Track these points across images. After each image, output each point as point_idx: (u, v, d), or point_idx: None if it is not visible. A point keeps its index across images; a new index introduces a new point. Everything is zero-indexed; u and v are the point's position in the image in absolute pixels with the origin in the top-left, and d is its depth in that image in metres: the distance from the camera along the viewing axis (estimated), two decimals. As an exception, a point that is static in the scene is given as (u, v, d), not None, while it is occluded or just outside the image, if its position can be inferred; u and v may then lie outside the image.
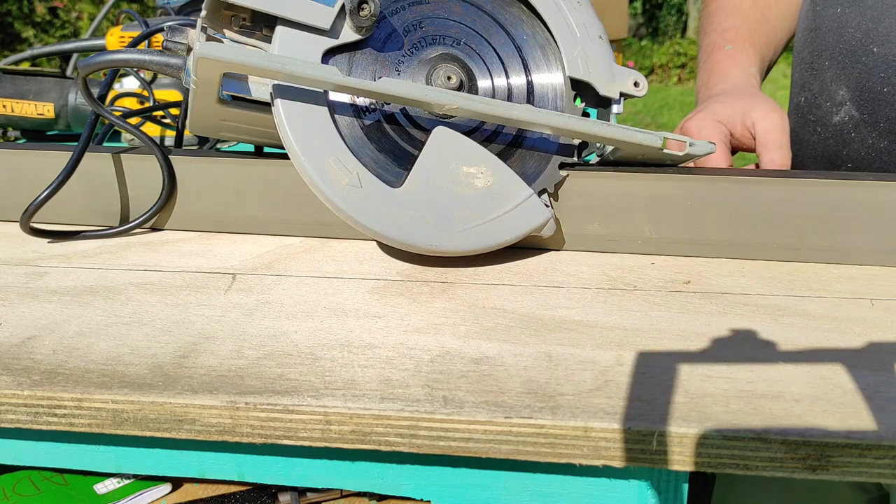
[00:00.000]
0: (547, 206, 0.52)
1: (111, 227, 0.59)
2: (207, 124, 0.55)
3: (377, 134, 0.51)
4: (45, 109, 0.89)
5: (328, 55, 0.49)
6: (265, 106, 0.52)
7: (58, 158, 0.59)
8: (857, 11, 0.68)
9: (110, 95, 0.84)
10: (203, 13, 0.49)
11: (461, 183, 0.50)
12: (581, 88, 0.55)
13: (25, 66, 1.31)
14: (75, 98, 0.90)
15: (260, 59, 0.45)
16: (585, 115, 0.56)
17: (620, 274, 0.52)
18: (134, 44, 0.67)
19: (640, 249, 0.55)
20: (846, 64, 0.68)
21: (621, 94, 0.55)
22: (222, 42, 0.50)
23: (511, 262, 0.54)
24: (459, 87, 0.51)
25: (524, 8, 0.55)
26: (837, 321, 0.44)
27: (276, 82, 0.48)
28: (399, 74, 0.51)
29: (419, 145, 0.51)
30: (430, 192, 0.49)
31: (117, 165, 0.59)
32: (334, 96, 0.50)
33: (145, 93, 0.84)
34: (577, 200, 0.54)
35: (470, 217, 0.50)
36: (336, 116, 0.49)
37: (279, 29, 0.48)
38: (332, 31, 0.49)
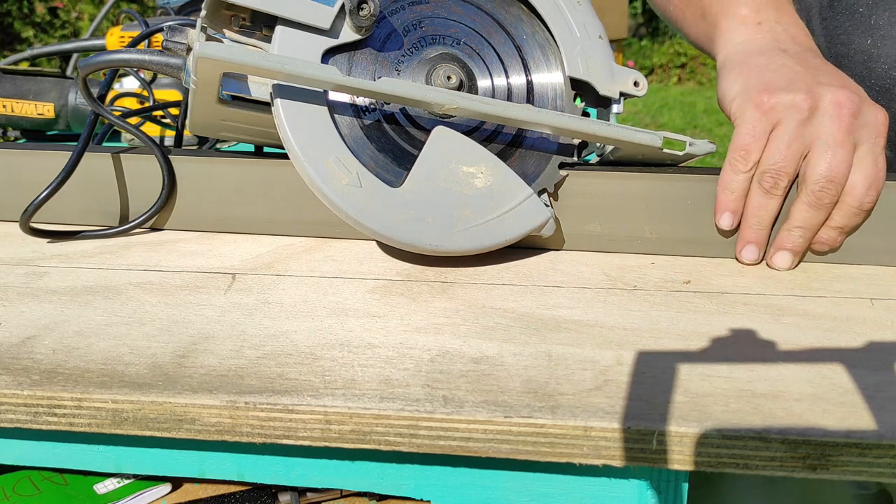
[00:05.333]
0: (547, 205, 0.52)
1: (111, 227, 0.59)
2: (207, 124, 0.55)
3: (377, 133, 0.51)
4: (45, 109, 0.89)
5: (328, 55, 0.49)
6: (265, 106, 0.52)
7: (58, 158, 0.59)
8: (894, 48, 0.63)
9: (110, 95, 0.84)
10: (203, 13, 0.49)
11: (461, 183, 0.50)
12: (581, 88, 0.55)
13: (25, 66, 1.31)
14: (75, 98, 0.90)
15: (259, 58, 0.45)
16: (585, 114, 0.56)
17: (620, 274, 0.52)
18: (134, 44, 0.67)
19: (640, 249, 0.55)
20: (877, 100, 0.59)
21: (621, 94, 0.55)
22: (222, 42, 0.50)
23: (511, 262, 0.54)
24: (459, 87, 0.51)
25: (524, 8, 0.55)
26: (837, 321, 0.44)
27: (275, 82, 0.48)
28: (399, 74, 0.51)
29: (419, 145, 0.51)
30: (429, 191, 0.49)
31: (117, 165, 0.59)
32: (334, 96, 0.50)
33: (145, 93, 0.84)
34: (578, 200, 0.54)
35: (469, 217, 0.50)
36: (336, 116, 0.49)
37: (279, 29, 0.48)
38: (332, 31, 0.49)
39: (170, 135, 0.84)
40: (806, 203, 0.49)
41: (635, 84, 0.55)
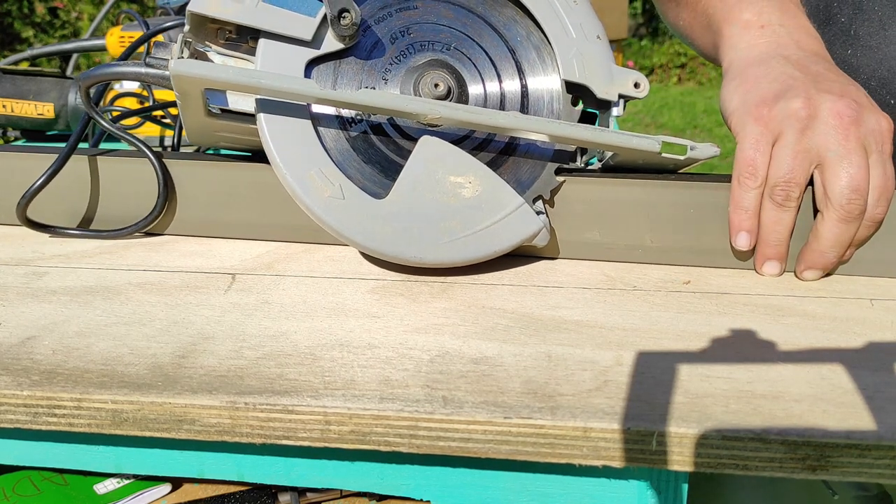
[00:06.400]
0: (541, 213, 0.51)
1: (105, 230, 0.59)
2: (203, 135, 0.55)
3: (363, 145, 0.50)
4: (45, 109, 0.89)
5: (313, 65, 0.49)
6: (253, 117, 0.52)
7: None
8: (873, 59, 0.62)
9: (110, 95, 0.85)
10: (186, 28, 0.48)
11: (448, 193, 0.49)
12: (580, 91, 0.54)
13: (25, 66, 1.31)
14: (75, 98, 0.90)
15: (235, 74, 0.45)
16: (589, 115, 0.55)
17: (620, 274, 0.52)
18: (131, 50, 0.67)
19: (641, 259, 0.54)
20: None
21: (620, 96, 0.53)
22: (207, 55, 0.50)
23: (511, 262, 0.54)
24: (448, 94, 0.50)
25: (518, 9, 0.54)
26: (837, 321, 0.44)
27: (257, 96, 0.47)
28: (386, 83, 0.51)
29: (407, 155, 0.50)
30: (415, 202, 0.48)
31: (117, 168, 0.59)
32: (319, 108, 0.49)
33: (145, 92, 0.84)
34: (576, 208, 0.53)
35: (456, 228, 0.49)
36: (320, 129, 0.49)
37: (262, 41, 0.48)
38: (315, 42, 0.48)
39: (170, 134, 0.84)
40: (836, 219, 0.47)
41: (636, 85, 0.53)
